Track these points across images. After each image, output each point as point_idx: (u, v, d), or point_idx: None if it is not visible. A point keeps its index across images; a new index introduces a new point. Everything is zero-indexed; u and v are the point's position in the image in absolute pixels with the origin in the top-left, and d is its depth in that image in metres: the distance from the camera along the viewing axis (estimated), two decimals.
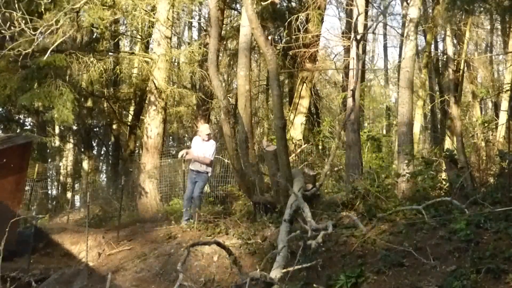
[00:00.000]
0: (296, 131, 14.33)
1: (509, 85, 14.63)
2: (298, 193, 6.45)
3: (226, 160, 11.48)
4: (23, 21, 7.43)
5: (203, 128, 9.29)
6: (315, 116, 16.43)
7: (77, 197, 19.20)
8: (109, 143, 22.07)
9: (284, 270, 5.04)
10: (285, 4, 15.61)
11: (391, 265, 5.62)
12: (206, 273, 6.87)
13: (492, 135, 13.67)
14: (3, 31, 7.67)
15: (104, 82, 15.95)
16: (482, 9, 9.34)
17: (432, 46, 18.30)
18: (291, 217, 6.30)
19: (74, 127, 19.74)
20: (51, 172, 20.88)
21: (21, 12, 7.28)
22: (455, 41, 16.65)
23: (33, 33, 7.73)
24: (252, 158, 8.19)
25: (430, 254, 5.62)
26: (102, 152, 24.08)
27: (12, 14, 7.78)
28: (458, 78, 16.02)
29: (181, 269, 4.23)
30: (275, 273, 4.95)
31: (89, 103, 18.19)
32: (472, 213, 6.44)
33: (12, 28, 7.53)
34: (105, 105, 18.78)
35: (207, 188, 13.19)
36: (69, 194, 20.17)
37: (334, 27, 46.41)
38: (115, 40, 15.12)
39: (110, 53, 13.59)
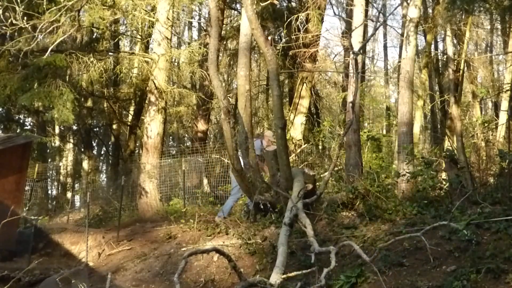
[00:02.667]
0: (296, 131, 14.32)
1: (509, 85, 14.63)
2: (299, 205, 6.43)
3: (226, 160, 11.47)
4: (23, 19, 7.43)
5: (269, 134, 8.94)
6: (315, 116, 16.42)
7: (77, 197, 19.19)
8: (109, 143, 22.07)
9: (284, 276, 5.03)
10: (285, 4, 15.62)
11: (391, 265, 5.63)
12: (206, 273, 6.88)
13: (492, 135, 13.67)
14: (4, 28, 7.67)
15: (104, 82, 15.94)
16: (482, 9, 9.35)
17: (432, 46, 18.31)
18: (291, 221, 6.29)
19: (74, 127, 19.74)
20: (51, 172, 20.86)
21: (22, 8, 7.26)
22: (455, 41, 16.64)
23: (33, 31, 7.73)
24: (252, 158, 8.18)
25: (430, 254, 5.62)
26: (102, 152, 24.09)
27: (12, 12, 7.78)
28: (458, 78, 16.01)
29: (177, 280, 4.18)
30: (275, 278, 4.94)
31: (89, 103, 18.20)
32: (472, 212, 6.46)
33: (12, 25, 7.52)
34: (105, 105, 18.77)
35: (207, 188, 13.20)
36: (69, 194, 20.16)
37: (334, 27, 46.39)
38: (115, 40, 15.11)
39: (110, 53, 13.57)
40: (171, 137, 23.81)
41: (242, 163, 8.01)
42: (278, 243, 5.90)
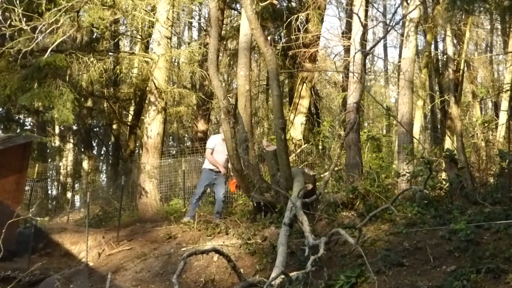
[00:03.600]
0: (296, 131, 14.32)
1: (509, 85, 14.62)
2: (297, 204, 6.44)
3: None
4: (23, 20, 7.43)
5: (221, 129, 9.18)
6: (315, 116, 16.42)
7: (77, 197, 19.20)
8: (109, 143, 22.07)
9: (284, 276, 5.04)
10: (285, 4, 15.61)
11: (391, 265, 5.63)
12: (206, 273, 6.87)
13: (492, 135, 13.67)
14: (3, 29, 7.68)
15: (104, 82, 15.94)
16: (482, 9, 9.34)
17: (432, 46, 18.31)
18: (290, 221, 6.30)
19: (74, 127, 19.74)
20: (51, 172, 20.87)
21: (21, 9, 7.27)
22: (455, 41, 16.64)
23: (32, 32, 7.73)
24: (252, 158, 8.18)
25: (430, 254, 5.63)
26: (102, 152, 24.10)
27: (12, 12, 7.79)
28: (458, 78, 16.01)
29: (176, 282, 4.18)
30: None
31: (89, 103, 18.20)
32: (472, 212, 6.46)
33: (11, 26, 7.53)
34: (105, 105, 18.78)
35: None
36: (69, 194, 20.16)
37: (334, 27, 46.39)
38: (115, 40, 15.11)
39: (110, 53, 13.56)
40: (171, 137, 23.82)
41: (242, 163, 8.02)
42: (278, 243, 5.90)
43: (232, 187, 8.91)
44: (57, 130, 21.16)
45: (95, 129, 21.36)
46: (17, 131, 16.51)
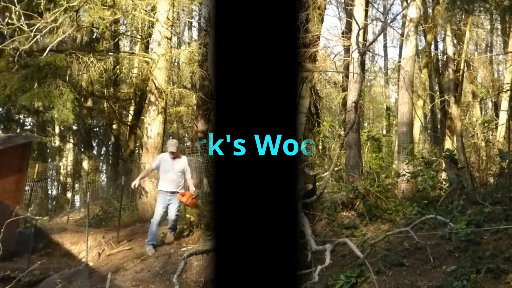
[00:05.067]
0: None
1: (509, 85, 14.63)
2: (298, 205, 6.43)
3: None
4: (22, 18, 7.42)
5: (168, 144, 8.53)
6: (315, 116, 16.41)
7: (77, 197, 19.21)
8: (109, 143, 22.08)
9: None
10: None
11: (391, 265, 5.63)
12: (206, 273, 6.87)
13: (492, 135, 13.67)
14: (1, 26, 7.67)
15: (104, 82, 15.94)
16: (482, 9, 9.36)
17: (432, 46, 18.32)
18: None
19: (74, 127, 19.75)
20: (51, 172, 20.87)
21: (19, 7, 7.25)
22: (455, 41, 16.65)
23: (31, 30, 7.71)
24: None
25: (430, 254, 5.63)
26: (102, 152, 24.10)
27: (11, 12, 7.79)
28: (458, 78, 16.01)
29: (177, 281, 4.18)
30: None
31: (89, 103, 18.21)
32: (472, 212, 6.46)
33: (10, 25, 7.52)
34: (105, 105, 18.78)
35: (207, 188, 13.17)
36: (69, 194, 20.16)
37: (334, 27, 46.40)
38: (115, 40, 15.11)
39: (110, 53, 13.56)
40: (171, 137, 23.79)
41: None
42: None
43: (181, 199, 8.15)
44: (57, 130, 21.16)
45: (95, 129, 21.37)
46: (17, 131, 16.52)
